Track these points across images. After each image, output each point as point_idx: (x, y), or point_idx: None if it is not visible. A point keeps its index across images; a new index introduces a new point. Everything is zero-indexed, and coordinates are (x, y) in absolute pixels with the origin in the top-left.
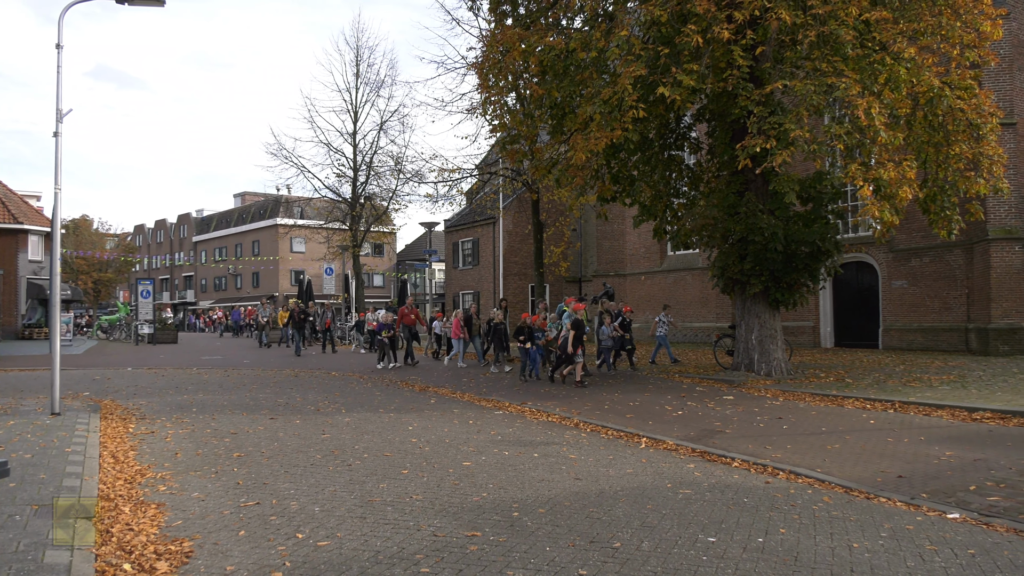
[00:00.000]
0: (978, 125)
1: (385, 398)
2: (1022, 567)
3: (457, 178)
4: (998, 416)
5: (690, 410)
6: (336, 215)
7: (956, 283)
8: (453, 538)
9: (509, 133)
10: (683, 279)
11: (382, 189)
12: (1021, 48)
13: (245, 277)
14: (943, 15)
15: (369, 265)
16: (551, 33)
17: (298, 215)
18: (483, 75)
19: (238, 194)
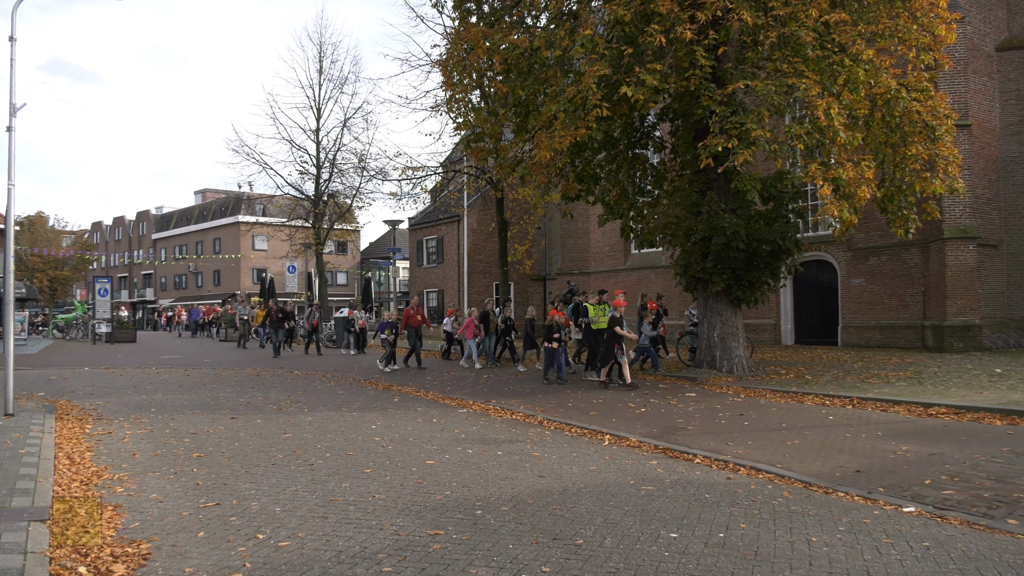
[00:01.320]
0: (934, 126)
1: (348, 397)
2: (975, 559)
3: (421, 176)
4: (952, 411)
5: (653, 407)
6: (299, 212)
7: (913, 281)
8: (416, 537)
9: (473, 131)
10: (647, 277)
11: (346, 186)
12: (975, 52)
13: (206, 275)
14: (900, 18)
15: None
16: (515, 31)
17: (260, 212)
18: (447, 73)
19: (199, 191)
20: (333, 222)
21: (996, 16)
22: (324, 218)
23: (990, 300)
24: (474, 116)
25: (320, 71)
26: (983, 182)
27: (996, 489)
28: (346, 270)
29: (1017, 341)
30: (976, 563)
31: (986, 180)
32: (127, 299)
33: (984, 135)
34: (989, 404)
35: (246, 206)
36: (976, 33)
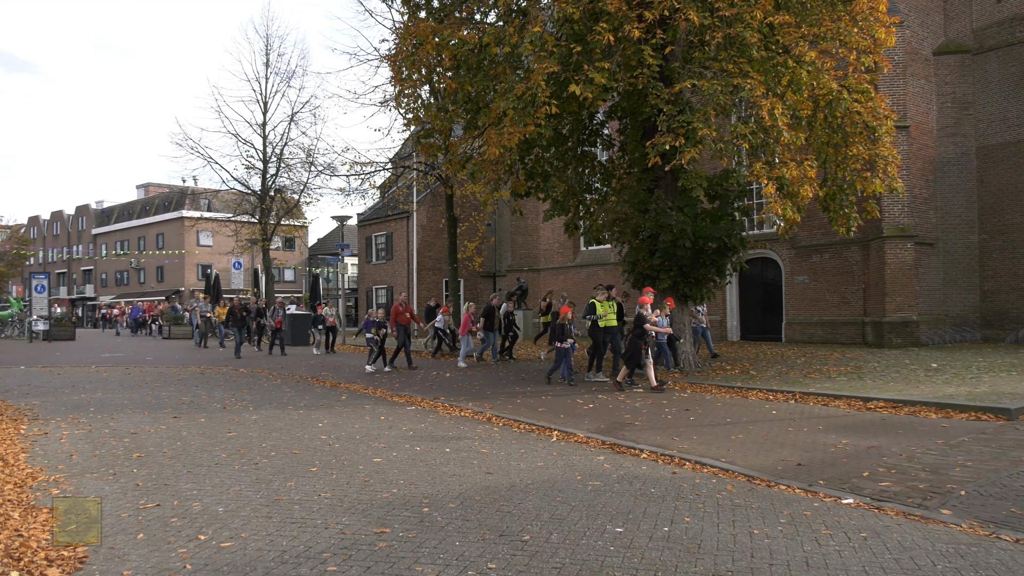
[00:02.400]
0: (874, 127)
1: (295, 395)
2: (909, 548)
3: (370, 171)
4: (890, 405)
5: (601, 403)
6: (245, 208)
7: (854, 278)
8: (362, 535)
9: (423, 127)
10: (595, 274)
11: (293, 182)
12: (914, 55)
13: (149, 271)
14: (842, 21)
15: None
16: (465, 27)
17: (205, 208)
18: (396, 68)
19: (141, 185)
20: (280, 218)
21: (933, 21)
22: (271, 214)
23: (927, 297)
24: (424, 112)
25: (267, 64)
26: (921, 182)
27: (931, 480)
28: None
29: (952, 337)
30: (910, 553)
31: (923, 180)
32: (66, 295)
33: (922, 136)
34: (925, 398)
35: (190, 201)
36: (914, 37)
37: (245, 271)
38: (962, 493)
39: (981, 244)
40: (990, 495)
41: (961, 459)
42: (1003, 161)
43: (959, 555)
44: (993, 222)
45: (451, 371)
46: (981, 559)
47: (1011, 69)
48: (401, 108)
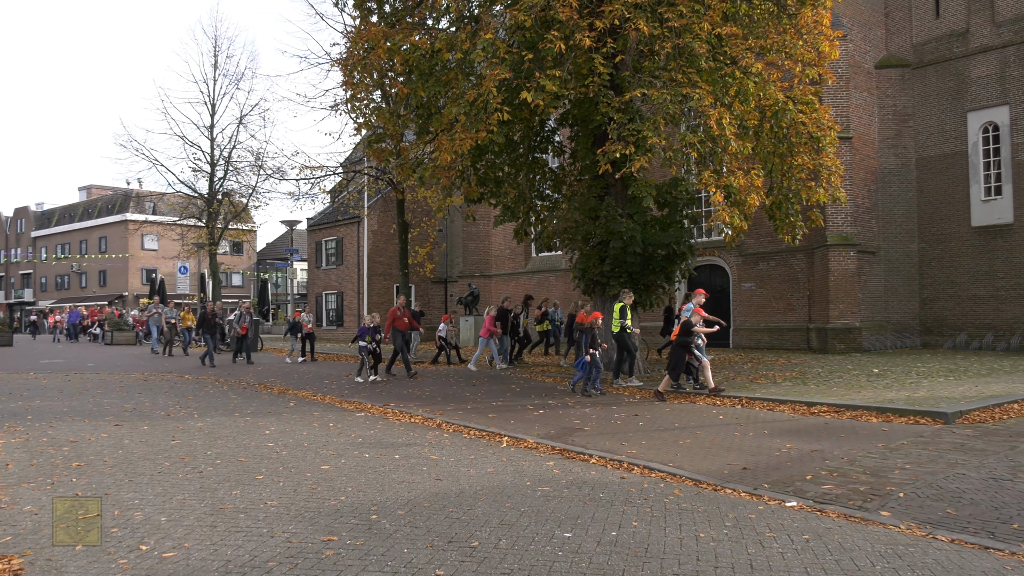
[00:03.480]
0: (818, 138)
1: (242, 402)
2: (850, 549)
3: (320, 176)
4: (833, 410)
5: (551, 409)
6: (192, 211)
7: (799, 286)
8: (308, 544)
9: (374, 131)
10: (547, 280)
11: (241, 185)
12: (856, 68)
13: (91, 275)
14: (787, 34)
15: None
16: (417, 32)
17: (150, 211)
18: (347, 72)
19: (84, 187)
20: (228, 221)
21: (875, 35)
22: (218, 217)
23: (869, 304)
24: (375, 116)
25: (215, 66)
26: (863, 192)
27: (871, 483)
28: (242, 271)
29: (893, 343)
30: (851, 554)
31: (866, 190)
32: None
33: (864, 147)
34: (866, 403)
35: (135, 204)
36: (857, 51)
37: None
38: (900, 495)
39: (920, 253)
40: (927, 497)
41: (900, 462)
42: (941, 172)
43: (897, 555)
44: (931, 231)
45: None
46: (918, 559)
47: (948, 83)
48: (352, 112)
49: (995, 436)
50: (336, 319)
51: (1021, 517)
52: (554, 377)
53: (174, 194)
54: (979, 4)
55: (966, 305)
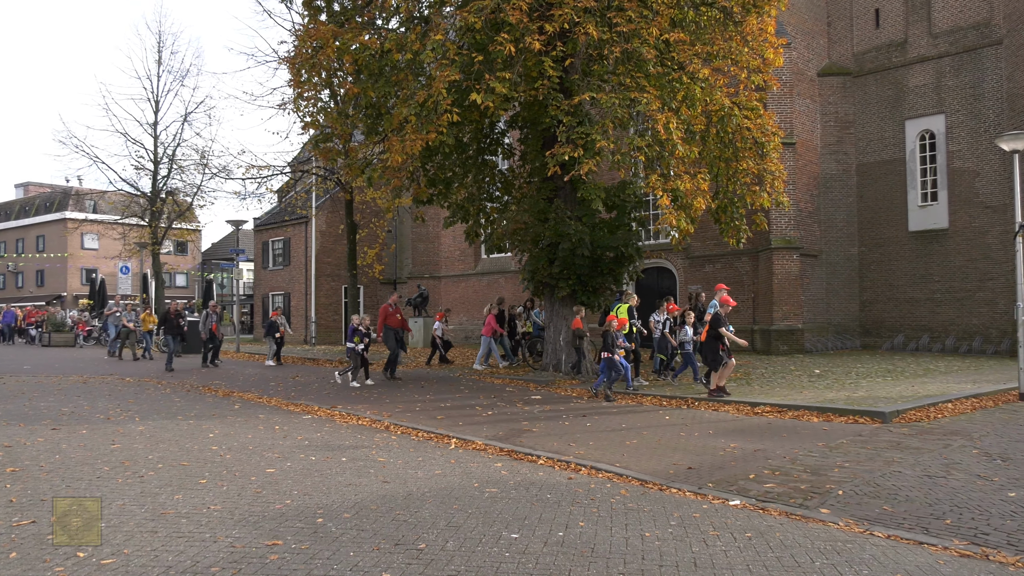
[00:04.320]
0: (763, 143)
1: (185, 404)
2: (791, 546)
3: (267, 175)
4: (776, 410)
5: (500, 410)
6: (134, 210)
7: (744, 288)
8: (252, 548)
9: (322, 131)
10: (496, 282)
11: (186, 184)
12: (800, 76)
13: (28, 275)
14: (733, 41)
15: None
16: (366, 32)
17: (91, 209)
18: (295, 70)
19: (20, 184)
20: (172, 221)
21: (818, 44)
22: (162, 216)
23: (811, 306)
24: (323, 116)
25: (159, 62)
26: (806, 197)
27: (812, 481)
28: (186, 271)
29: (834, 344)
30: (791, 550)
31: (809, 195)
32: None
33: (807, 153)
34: (808, 403)
35: (75, 202)
36: (801, 58)
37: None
38: (840, 493)
39: (860, 256)
40: (865, 494)
41: (840, 460)
42: (880, 178)
43: (835, 552)
44: (871, 236)
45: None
46: (855, 555)
47: (887, 92)
48: (300, 111)
49: (930, 435)
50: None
51: (954, 513)
52: (503, 379)
53: (116, 192)
54: (917, 16)
55: (903, 307)
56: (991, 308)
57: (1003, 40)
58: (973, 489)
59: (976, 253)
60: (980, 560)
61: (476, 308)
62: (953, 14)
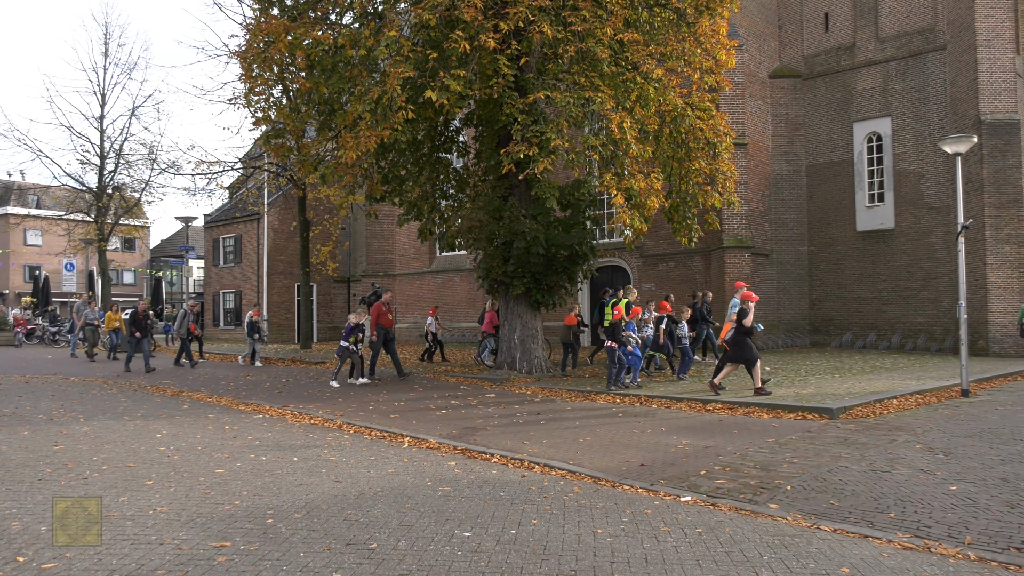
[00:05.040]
0: (715, 144)
1: (132, 404)
2: (740, 541)
3: (218, 171)
4: (727, 407)
5: (454, 409)
6: (80, 206)
7: (697, 286)
8: (200, 550)
9: (274, 127)
10: (451, 280)
11: (134, 179)
12: (751, 77)
13: None
14: (686, 42)
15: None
16: (319, 27)
17: (34, 204)
18: (246, 65)
19: None
20: (119, 217)
21: (770, 46)
22: (108, 212)
23: (762, 305)
24: (275, 112)
25: (105, 54)
26: (757, 197)
27: (761, 477)
28: (134, 269)
29: (785, 342)
30: (740, 545)
31: (760, 195)
32: None
33: (758, 154)
34: (758, 400)
35: (16, 197)
36: (752, 60)
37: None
38: (788, 488)
39: (810, 256)
40: (812, 489)
41: (788, 456)
42: (829, 179)
43: (783, 546)
44: (820, 235)
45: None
46: (802, 549)
47: (836, 94)
48: (251, 107)
49: (875, 430)
50: (235, 319)
51: (897, 506)
52: (458, 377)
53: (60, 187)
54: (864, 20)
55: (851, 306)
56: (935, 307)
57: (947, 46)
58: (916, 483)
59: (921, 253)
60: (922, 552)
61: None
62: (899, 19)
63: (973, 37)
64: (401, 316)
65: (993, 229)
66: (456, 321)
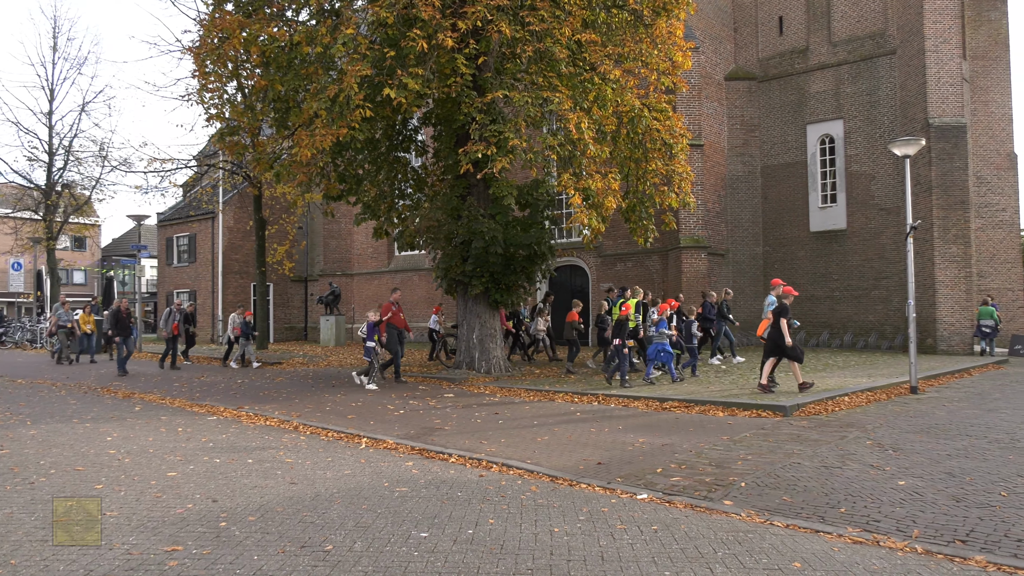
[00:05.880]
0: (671, 145)
1: (81, 407)
2: (695, 538)
3: (171, 169)
4: (683, 405)
5: (412, 409)
6: (27, 203)
7: (654, 286)
8: (150, 555)
9: (229, 124)
10: (410, 279)
11: (84, 177)
12: (707, 79)
13: None
14: (643, 43)
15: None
16: (275, 23)
17: None
18: (200, 61)
19: None
20: (68, 215)
21: (726, 49)
22: (58, 210)
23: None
24: (229, 109)
25: (54, 48)
26: (713, 197)
27: (716, 474)
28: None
29: (740, 341)
30: (695, 542)
31: (716, 195)
32: None
33: (714, 155)
34: (713, 398)
35: None
36: (709, 63)
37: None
38: (742, 485)
39: (765, 255)
40: (766, 485)
41: (743, 453)
42: (783, 180)
43: (737, 542)
44: (775, 235)
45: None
46: (756, 544)
47: (790, 97)
48: (204, 103)
49: (827, 427)
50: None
51: (848, 501)
52: (416, 377)
53: (7, 184)
54: (818, 24)
55: (805, 305)
56: (886, 305)
57: (896, 50)
58: (866, 479)
59: (872, 253)
60: (871, 546)
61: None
62: (851, 24)
63: (922, 42)
64: (360, 316)
65: (941, 230)
66: (415, 320)
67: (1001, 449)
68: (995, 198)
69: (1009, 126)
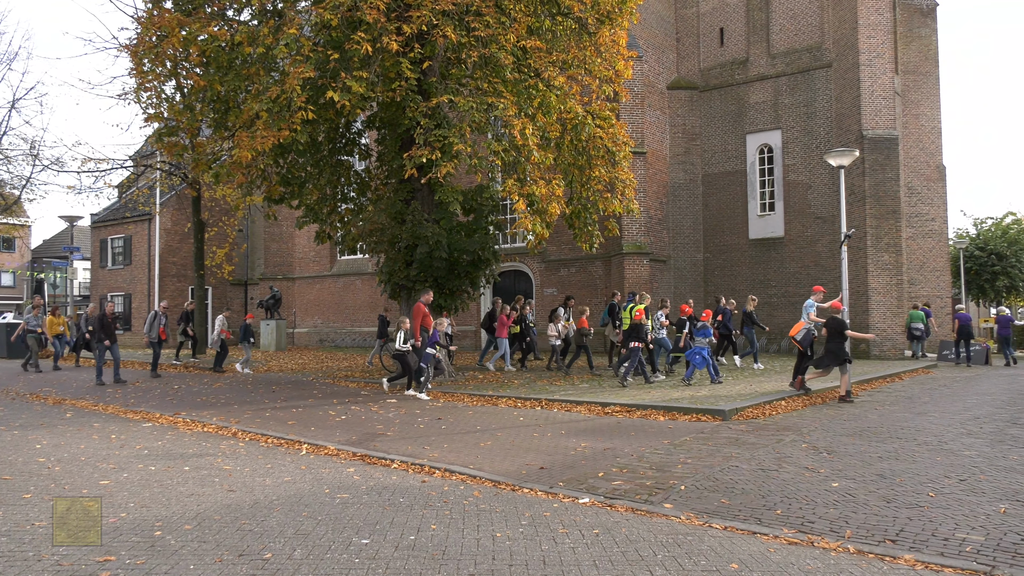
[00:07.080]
0: (614, 152)
1: (8, 414)
2: (635, 540)
3: (106, 169)
4: (625, 410)
5: (354, 415)
6: None
7: (597, 291)
8: (81, 566)
9: (167, 124)
10: (353, 284)
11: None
12: (651, 88)
13: None
14: (587, 51)
15: None
16: (215, 23)
17: None
18: (137, 59)
19: None
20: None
21: (668, 59)
22: None
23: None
24: (167, 108)
25: None
26: (656, 204)
27: (656, 478)
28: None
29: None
30: (636, 545)
31: (658, 203)
32: None
33: (657, 163)
34: (654, 402)
35: None
36: (651, 72)
37: None
38: (682, 488)
39: (705, 262)
40: (705, 488)
41: (683, 457)
42: (723, 188)
43: (676, 544)
44: (715, 242)
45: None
46: (695, 546)
47: (730, 107)
48: (142, 103)
49: (765, 431)
50: (124, 322)
51: (784, 503)
52: (358, 382)
53: None
54: (757, 36)
55: None
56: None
57: (832, 63)
58: (801, 481)
59: (808, 260)
60: (806, 547)
61: (331, 310)
62: (789, 36)
63: (856, 56)
64: (300, 320)
65: (874, 239)
66: (357, 325)
67: (930, 451)
68: (925, 208)
69: (938, 139)
